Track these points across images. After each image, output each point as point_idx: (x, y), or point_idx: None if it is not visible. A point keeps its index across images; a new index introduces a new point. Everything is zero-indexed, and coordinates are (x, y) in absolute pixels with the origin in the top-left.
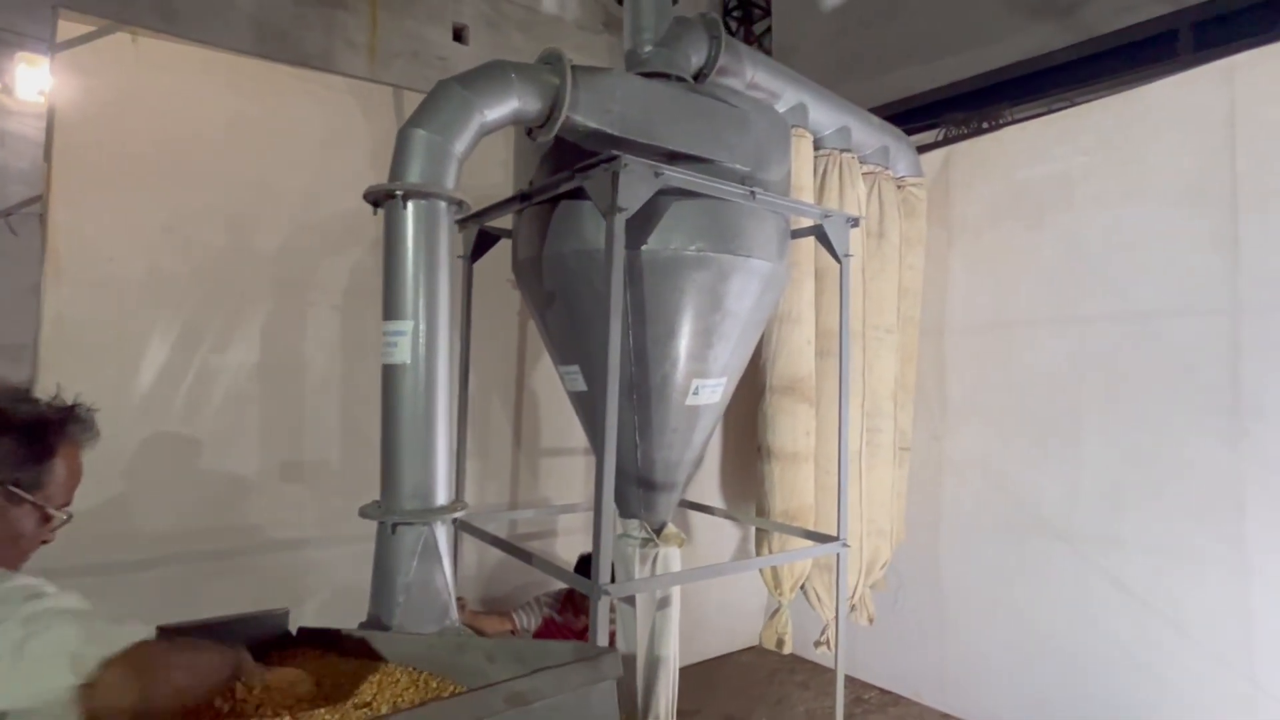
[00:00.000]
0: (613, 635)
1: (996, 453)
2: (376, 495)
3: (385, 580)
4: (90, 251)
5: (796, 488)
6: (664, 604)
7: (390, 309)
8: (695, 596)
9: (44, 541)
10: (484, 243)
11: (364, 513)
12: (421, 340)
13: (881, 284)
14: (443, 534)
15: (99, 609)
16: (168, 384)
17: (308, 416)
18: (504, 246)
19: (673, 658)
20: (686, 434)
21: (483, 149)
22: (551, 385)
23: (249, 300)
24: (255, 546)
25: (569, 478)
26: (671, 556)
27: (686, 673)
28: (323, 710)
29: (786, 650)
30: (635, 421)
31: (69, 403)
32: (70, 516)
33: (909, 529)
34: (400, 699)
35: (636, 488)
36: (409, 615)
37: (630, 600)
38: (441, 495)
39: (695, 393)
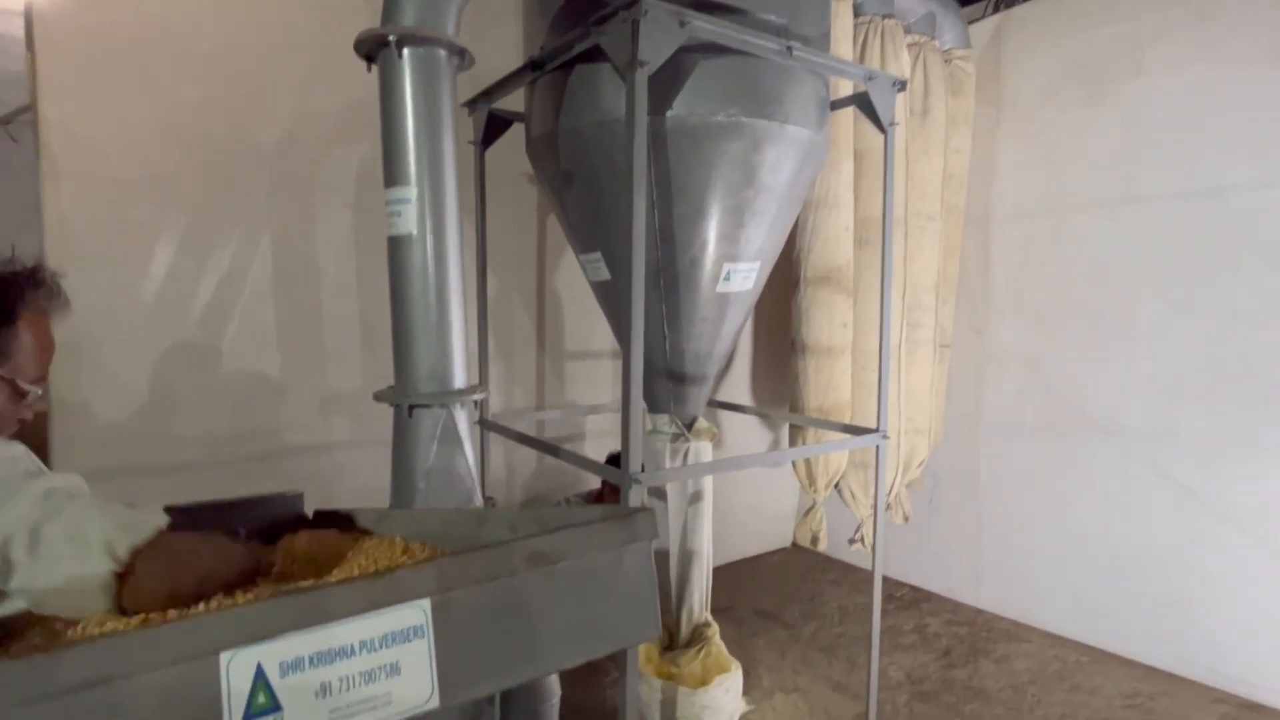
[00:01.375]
0: None
1: (1042, 347)
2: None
3: (404, 467)
4: (85, 150)
5: (832, 383)
6: (696, 499)
7: (391, 174)
8: (726, 499)
9: (21, 421)
10: (496, 128)
11: (378, 396)
12: (427, 207)
13: (925, 167)
14: (463, 418)
15: (103, 493)
16: (179, 288)
17: (326, 318)
18: (518, 134)
19: (706, 552)
20: (716, 324)
21: (492, 30)
22: (573, 287)
23: (253, 198)
24: (283, 450)
25: (595, 380)
26: (703, 451)
27: (718, 572)
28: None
29: (821, 546)
30: (663, 310)
31: (28, 265)
32: (44, 392)
33: (947, 427)
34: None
35: (666, 381)
36: (430, 502)
37: (661, 495)
38: (460, 377)
39: (726, 278)
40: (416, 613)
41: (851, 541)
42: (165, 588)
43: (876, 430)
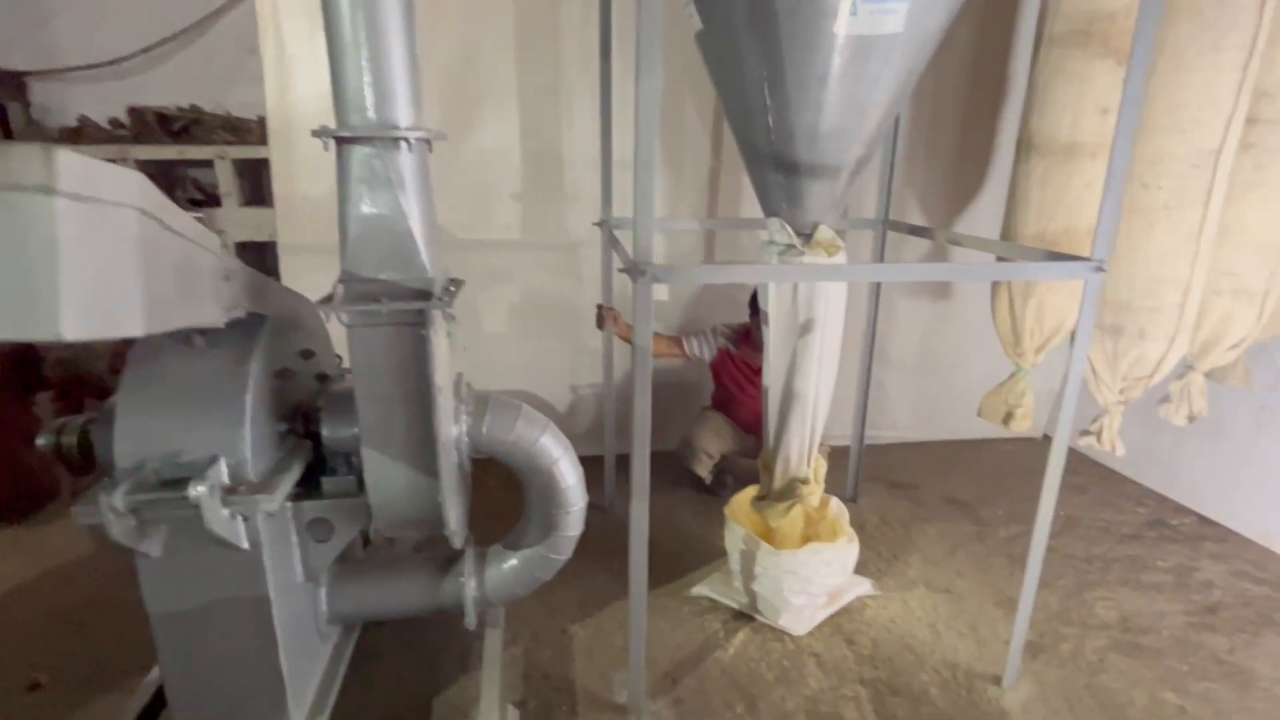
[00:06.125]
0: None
1: None
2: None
3: (340, 211)
4: None
5: (1066, 199)
6: (806, 329)
7: None
8: (950, 367)
9: None
10: None
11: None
12: None
13: None
14: (404, 161)
15: None
16: None
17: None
18: None
19: (812, 395)
20: (844, 87)
21: None
22: None
23: None
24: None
25: None
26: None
27: (921, 448)
28: None
29: (1015, 428)
30: (763, 67)
31: None
32: None
33: None
34: None
35: (773, 171)
36: (359, 254)
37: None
38: (402, 114)
39: (853, 12)
40: None
41: (1083, 434)
42: None
43: (1088, 259)
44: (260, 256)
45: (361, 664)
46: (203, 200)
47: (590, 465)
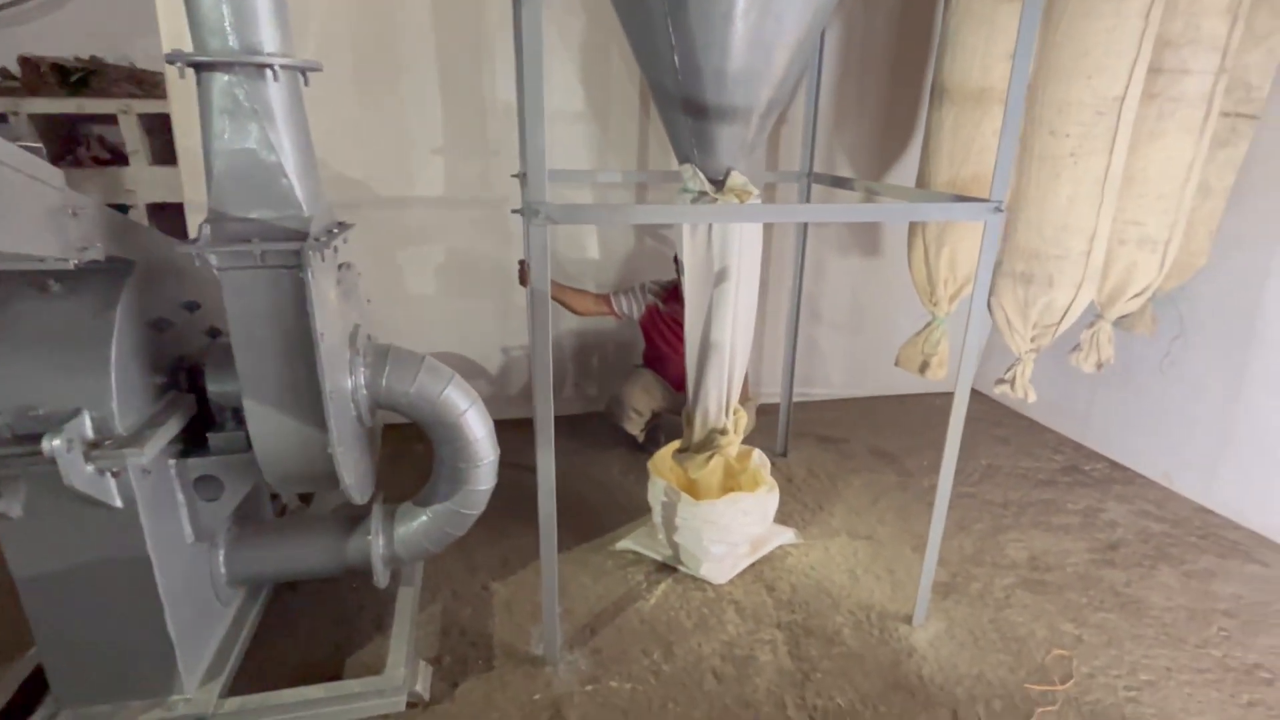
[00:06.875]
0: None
1: None
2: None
3: (203, 146)
4: None
5: (976, 144)
6: (721, 278)
7: None
8: (879, 324)
9: None
10: None
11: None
12: None
13: None
14: (275, 93)
15: None
16: None
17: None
18: None
19: (728, 346)
20: (748, 23)
21: None
22: None
23: None
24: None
25: None
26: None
27: (853, 404)
28: None
29: (931, 376)
30: (665, 2)
31: None
32: None
33: (1220, 248)
34: None
35: (683, 115)
36: (226, 191)
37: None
38: (267, 38)
39: None
40: None
41: (998, 383)
42: None
43: (987, 200)
44: (176, 219)
45: (274, 626)
46: (108, 159)
47: (523, 428)
